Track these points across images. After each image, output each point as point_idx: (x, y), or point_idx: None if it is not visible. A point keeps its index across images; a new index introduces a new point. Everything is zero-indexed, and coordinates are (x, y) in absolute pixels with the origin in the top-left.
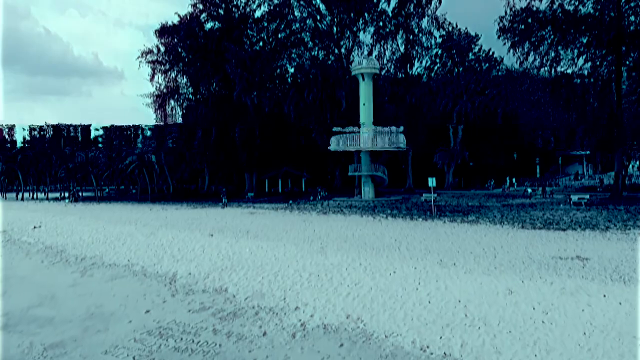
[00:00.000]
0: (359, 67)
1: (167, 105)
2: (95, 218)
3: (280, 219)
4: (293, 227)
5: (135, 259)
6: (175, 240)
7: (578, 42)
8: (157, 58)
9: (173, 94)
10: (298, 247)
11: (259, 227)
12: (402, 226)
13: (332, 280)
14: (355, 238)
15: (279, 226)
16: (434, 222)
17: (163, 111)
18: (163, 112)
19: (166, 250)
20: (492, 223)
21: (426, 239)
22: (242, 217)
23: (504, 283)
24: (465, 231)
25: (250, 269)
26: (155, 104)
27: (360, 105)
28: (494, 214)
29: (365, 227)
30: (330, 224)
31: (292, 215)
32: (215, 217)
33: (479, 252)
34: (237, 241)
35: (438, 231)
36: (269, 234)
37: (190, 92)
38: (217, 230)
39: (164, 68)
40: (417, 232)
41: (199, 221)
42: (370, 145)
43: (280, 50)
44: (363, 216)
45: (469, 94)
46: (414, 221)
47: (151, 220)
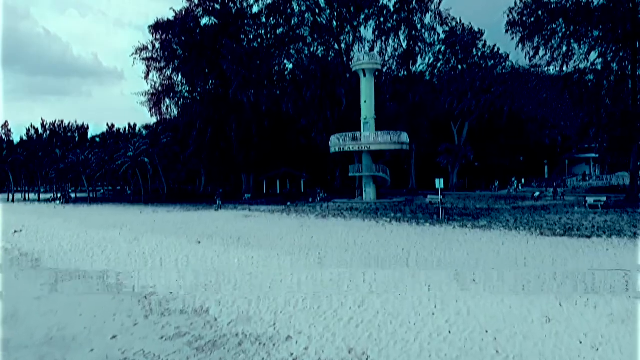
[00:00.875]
0: (360, 62)
1: (162, 103)
2: (81, 221)
3: (276, 223)
4: (289, 232)
5: (111, 270)
6: (159, 247)
7: (591, 35)
8: (152, 55)
9: (168, 92)
10: (293, 258)
11: (252, 232)
12: (409, 232)
13: (332, 300)
14: (357, 247)
15: (274, 232)
16: (443, 227)
17: (158, 110)
18: (158, 111)
19: (147, 259)
20: (507, 229)
21: (437, 248)
22: (236, 221)
23: (538, 306)
24: (480, 238)
25: (237, 284)
26: (150, 102)
27: (362, 103)
28: (506, 217)
29: (368, 233)
30: (330, 229)
31: (289, 218)
32: (207, 220)
33: (500, 264)
34: (226, 250)
35: (449, 238)
36: (262, 241)
37: (185, 90)
38: (207, 236)
39: (159, 65)
40: (425, 239)
41: (189, 225)
42: (371, 145)
43: (279, 46)
44: (365, 220)
45: (474, 92)
46: (421, 226)
47: (139, 224)
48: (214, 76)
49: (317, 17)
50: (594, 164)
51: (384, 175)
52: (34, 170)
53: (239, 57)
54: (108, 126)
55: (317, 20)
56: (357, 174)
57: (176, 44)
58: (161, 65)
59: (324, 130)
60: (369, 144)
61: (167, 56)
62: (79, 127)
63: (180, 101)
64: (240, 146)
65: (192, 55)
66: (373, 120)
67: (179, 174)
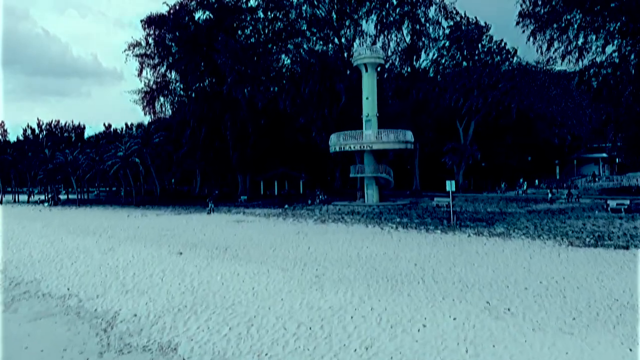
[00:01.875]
0: (362, 56)
1: (156, 102)
2: (61, 226)
3: (270, 229)
4: (283, 241)
5: (76, 287)
6: (135, 260)
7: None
8: (146, 51)
9: (162, 90)
10: (286, 275)
11: (243, 241)
12: (419, 241)
13: (331, 337)
14: (361, 261)
15: (267, 240)
16: (456, 235)
17: (152, 108)
18: (152, 110)
19: (119, 274)
20: (529, 237)
21: (455, 262)
22: (227, 227)
23: (604, 353)
24: (502, 250)
25: (216, 311)
26: (143, 100)
27: (363, 100)
28: (524, 223)
29: (373, 243)
30: (329, 237)
31: (284, 224)
32: (195, 226)
33: (536, 287)
34: (209, 264)
35: (466, 250)
36: (252, 253)
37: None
38: (191, 245)
39: (152, 62)
40: (439, 250)
41: (175, 232)
42: (374, 144)
43: (276, 40)
44: (368, 226)
45: (481, 89)
46: (432, 234)
47: (121, 230)
48: (209, 72)
49: (316, 10)
50: (602, 164)
51: (387, 176)
52: (23, 171)
53: (234, 52)
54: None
55: (316, 13)
56: (359, 175)
57: (170, 39)
58: (155, 62)
59: (324, 128)
60: (371, 143)
61: (161, 52)
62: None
63: (175, 99)
64: (235, 145)
65: (185, 51)
66: (375, 117)
67: (174, 175)
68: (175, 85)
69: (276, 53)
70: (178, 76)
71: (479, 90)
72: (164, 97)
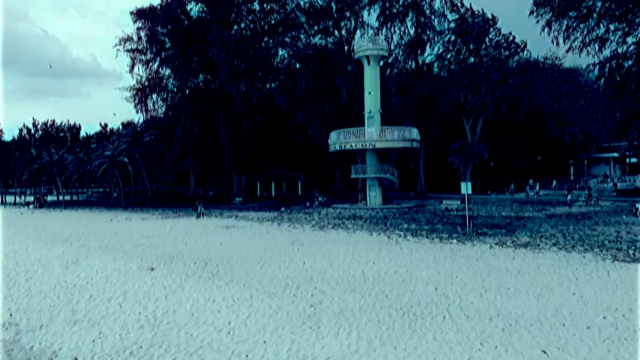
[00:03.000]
0: (364, 48)
1: (148, 99)
2: (34, 231)
3: (262, 238)
4: (275, 254)
5: (21, 313)
6: (98, 277)
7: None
8: (137, 46)
9: (155, 86)
10: (273, 305)
11: (228, 253)
12: (435, 255)
13: None
14: (367, 283)
15: (256, 252)
16: (476, 245)
17: (144, 106)
18: (144, 107)
19: (73, 297)
20: (561, 249)
21: (485, 285)
22: (213, 235)
23: None
24: (536, 267)
25: (177, 356)
26: (135, 98)
27: (366, 95)
28: (549, 230)
29: (380, 257)
30: (329, 248)
31: (278, 230)
32: (179, 233)
33: (601, 325)
34: (182, 284)
35: (493, 266)
36: (236, 270)
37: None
38: (167, 258)
39: (144, 58)
40: (461, 268)
41: (154, 240)
42: (377, 142)
43: (272, 33)
44: (373, 234)
45: (489, 84)
46: (447, 244)
47: (96, 237)
48: (202, 68)
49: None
50: (613, 164)
51: (391, 177)
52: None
53: (227, 45)
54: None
55: (315, 4)
56: (360, 176)
57: (163, 34)
58: (147, 57)
59: (323, 126)
60: (374, 141)
61: (153, 47)
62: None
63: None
64: (229, 144)
65: (178, 45)
66: (378, 114)
67: (168, 175)
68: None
69: (273, 46)
70: (171, 72)
71: (487, 85)
72: (157, 94)
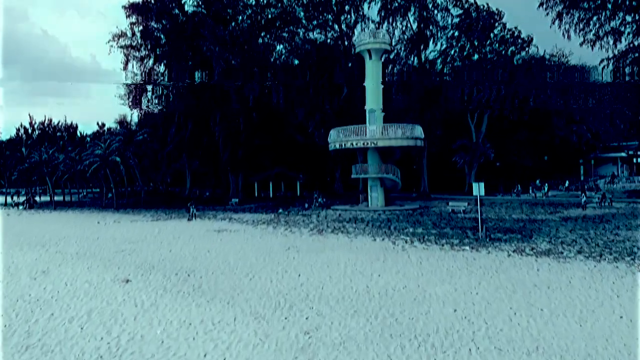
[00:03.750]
0: (366, 42)
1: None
2: (13, 235)
3: (255, 244)
4: (267, 264)
5: None
6: (66, 290)
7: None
8: (131, 42)
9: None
10: (259, 330)
11: (215, 262)
12: (448, 265)
13: None
14: (373, 302)
15: (246, 261)
16: (492, 254)
17: (139, 104)
18: (139, 106)
19: (32, 315)
20: (588, 257)
21: (513, 305)
22: (202, 240)
23: None
24: (567, 281)
25: None
26: (129, 96)
27: (367, 91)
28: (568, 235)
29: (386, 268)
30: (328, 257)
31: (273, 235)
32: (167, 237)
33: None
34: (157, 301)
35: (518, 280)
36: (221, 283)
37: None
38: (147, 268)
39: (139, 55)
40: (481, 281)
41: (137, 246)
42: (379, 140)
43: (269, 28)
44: (377, 239)
45: (495, 81)
46: (460, 251)
47: (76, 241)
48: (196, 63)
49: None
50: (621, 164)
51: (394, 177)
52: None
53: (222, 39)
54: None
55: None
56: (361, 176)
57: (158, 30)
58: (142, 54)
59: (322, 124)
60: (376, 139)
61: (147, 44)
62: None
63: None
64: (225, 143)
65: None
66: (380, 111)
67: (164, 176)
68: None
69: (270, 42)
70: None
71: (492, 82)
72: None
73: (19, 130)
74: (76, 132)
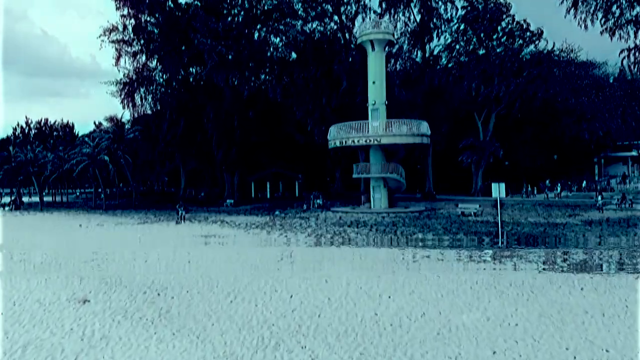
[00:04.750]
0: (368, 32)
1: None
2: None
3: (244, 252)
4: (253, 280)
5: None
6: (10, 312)
7: None
8: (123, 37)
9: (143, 80)
10: None
11: (194, 277)
12: (470, 282)
13: None
14: (383, 337)
15: (230, 276)
16: (520, 267)
17: (132, 101)
18: (132, 103)
19: None
20: (632, 272)
21: (569, 344)
22: (186, 248)
23: None
24: (623, 305)
25: None
26: (121, 93)
27: (369, 84)
28: (599, 243)
29: (397, 286)
30: (326, 271)
31: (266, 242)
32: (147, 244)
33: None
34: (109, 333)
35: (561, 304)
36: (195, 306)
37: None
38: (113, 283)
39: (131, 50)
40: (516, 306)
41: (109, 255)
42: (382, 137)
43: (265, 20)
44: (382, 247)
45: (503, 76)
46: (480, 263)
47: (48, 247)
48: (190, 57)
49: None
50: (632, 163)
51: (398, 177)
52: None
53: (215, 32)
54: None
55: None
56: (363, 176)
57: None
58: (135, 49)
59: (321, 120)
60: (380, 136)
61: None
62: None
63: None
64: (219, 141)
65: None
66: (384, 106)
67: (159, 175)
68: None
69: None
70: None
71: (501, 77)
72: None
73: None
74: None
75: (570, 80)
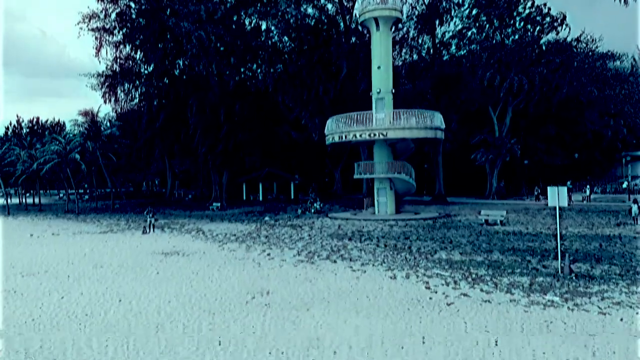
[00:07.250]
0: (372, 8)
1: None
2: None
3: (203, 283)
4: (196, 346)
5: None
6: None
7: None
8: (104, 25)
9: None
10: None
11: (95, 342)
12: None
13: None
14: None
15: (162, 336)
16: (609, 314)
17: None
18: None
19: None
20: None
21: None
22: (130, 274)
23: None
24: None
25: None
26: (102, 86)
27: (373, 70)
28: None
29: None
30: (316, 320)
31: (240, 264)
32: (88, 265)
33: None
34: None
35: None
36: None
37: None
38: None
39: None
40: None
41: (23, 286)
42: (389, 131)
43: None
44: (395, 272)
45: (522, 66)
46: (540, 305)
47: None
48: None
49: None
50: None
51: (407, 178)
52: None
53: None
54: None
55: None
56: (366, 176)
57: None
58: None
59: (317, 113)
60: (385, 130)
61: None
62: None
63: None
64: (204, 137)
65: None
66: (390, 95)
67: (145, 175)
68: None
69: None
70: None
71: (519, 67)
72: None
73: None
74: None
75: (593, 71)
